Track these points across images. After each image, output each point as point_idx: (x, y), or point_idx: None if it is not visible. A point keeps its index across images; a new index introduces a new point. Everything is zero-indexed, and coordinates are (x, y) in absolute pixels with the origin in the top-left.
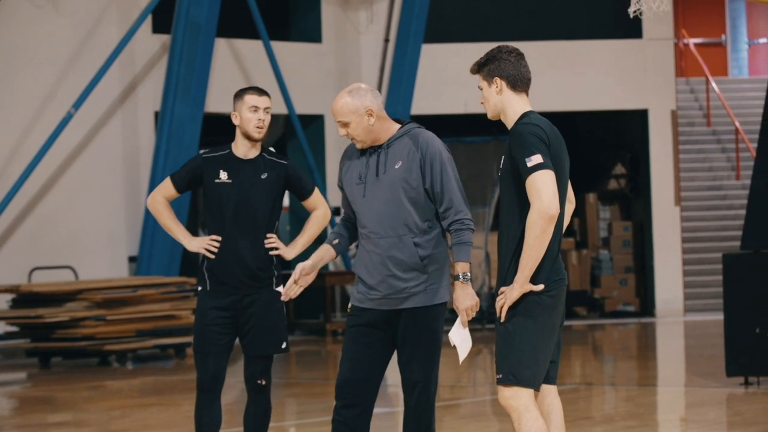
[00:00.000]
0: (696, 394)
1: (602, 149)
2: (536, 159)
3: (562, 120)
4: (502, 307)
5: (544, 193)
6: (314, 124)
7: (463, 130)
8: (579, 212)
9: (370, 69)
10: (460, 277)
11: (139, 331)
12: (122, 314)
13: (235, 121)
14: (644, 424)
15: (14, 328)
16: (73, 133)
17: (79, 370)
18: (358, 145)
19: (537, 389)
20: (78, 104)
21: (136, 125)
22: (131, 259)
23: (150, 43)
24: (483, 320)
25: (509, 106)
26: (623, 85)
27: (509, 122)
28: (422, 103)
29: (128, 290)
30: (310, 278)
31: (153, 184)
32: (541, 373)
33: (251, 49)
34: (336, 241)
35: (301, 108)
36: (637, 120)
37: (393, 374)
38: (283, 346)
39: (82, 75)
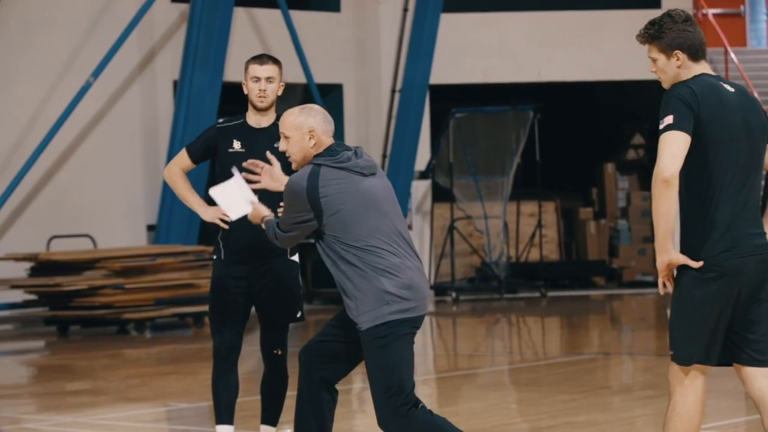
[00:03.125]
0: None
1: (621, 119)
2: (667, 120)
3: (581, 90)
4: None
5: (663, 155)
6: (333, 93)
7: (482, 99)
8: (597, 182)
9: (389, 38)
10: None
11: (158, 299)
12: (141, 283)
13: (245, 90)
14: (662, 394)
15: (33, 297)
16: (92, 102)
17: (97, 338)
18: (293, 166)
19: (704, 363)
20: (97, 73)
21: (154, 94)
22: (150, 228)
23: (169, 12)
24: (501, 290)
25: (687, 76)
26: (642, 56)
27: None
28: (441, 73)
29: (147, 259)
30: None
31: (171, 153)
32: (701, 351)
33: (270, 18)
34: None
35: (320, 77)
36: (656, 90)
37: None
38: (299, 315)
39: (100, 44)
